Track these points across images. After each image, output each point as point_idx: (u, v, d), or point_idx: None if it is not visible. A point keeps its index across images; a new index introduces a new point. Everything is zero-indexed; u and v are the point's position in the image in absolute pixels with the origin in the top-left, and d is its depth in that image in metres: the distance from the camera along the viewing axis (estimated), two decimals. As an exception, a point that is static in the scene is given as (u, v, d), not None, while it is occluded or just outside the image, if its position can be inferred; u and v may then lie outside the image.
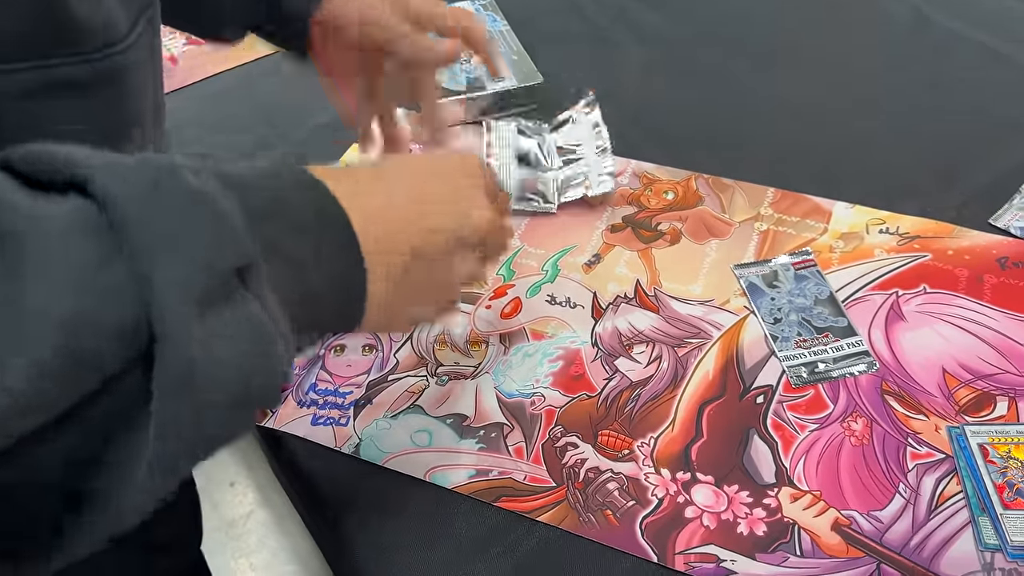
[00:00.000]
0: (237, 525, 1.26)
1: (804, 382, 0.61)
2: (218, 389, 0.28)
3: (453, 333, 0.57)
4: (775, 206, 0.75)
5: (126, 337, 0.26)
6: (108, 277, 0.26)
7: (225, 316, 0.29)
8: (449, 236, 0.43)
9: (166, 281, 0.27)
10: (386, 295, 0.39)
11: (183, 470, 0.29)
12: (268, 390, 0.31)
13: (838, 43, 0.93)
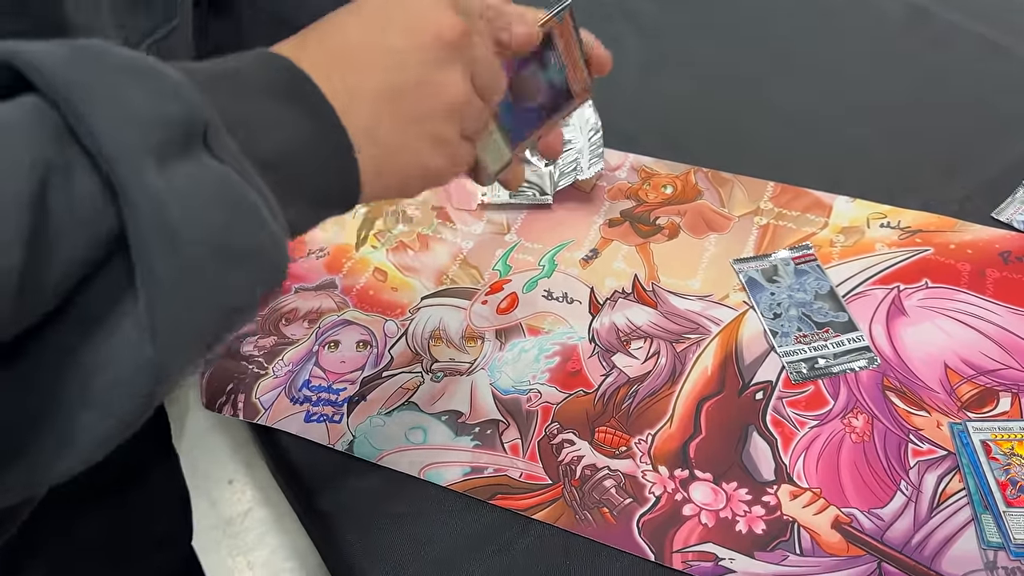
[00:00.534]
0: (235, 523, 1.26)
1: (804, 378, 0.60)
2: (197, 238, 0.27)
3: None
4: (775, 200, 0.74)
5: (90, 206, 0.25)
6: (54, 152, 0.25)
7: (188, 168, 0.27)
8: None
9: (111, 138, 0.26)
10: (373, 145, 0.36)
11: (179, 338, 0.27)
12: (257, 245, 0.29)
13: (838, 36, 0.92)
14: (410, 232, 0.74)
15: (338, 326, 0.67)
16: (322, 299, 0.69)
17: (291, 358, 0.65)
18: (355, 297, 0.69)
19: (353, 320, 0.67)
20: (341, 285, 0.70)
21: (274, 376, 0.63)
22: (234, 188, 0.29)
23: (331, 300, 0.69)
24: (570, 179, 0.74)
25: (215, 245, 0.28)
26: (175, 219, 0.26)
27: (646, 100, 0.85)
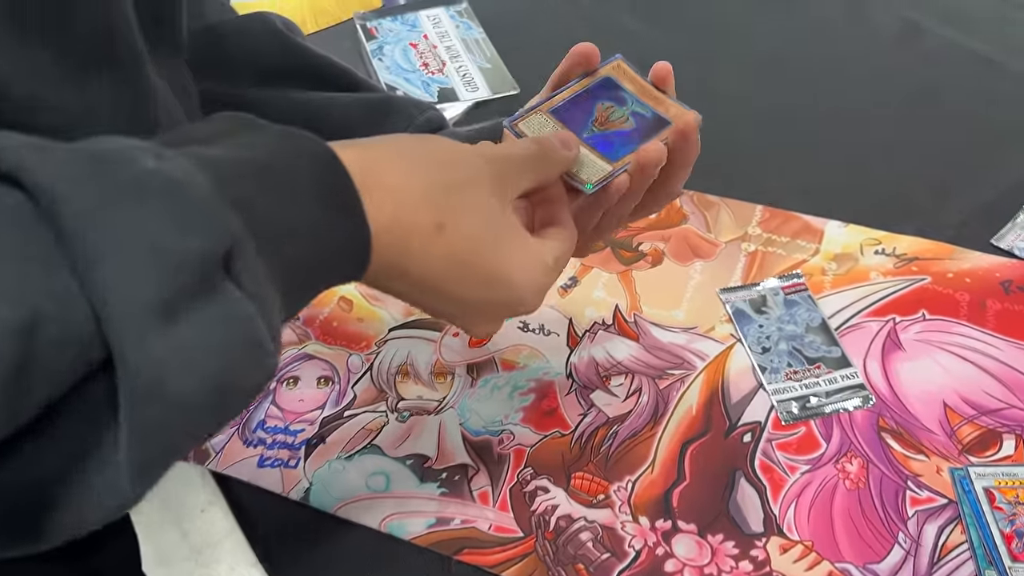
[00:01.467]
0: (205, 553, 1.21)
1: (795, 418, 0.57)
2: (191, 390, 0.26)
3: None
4: (763, 225, 0.70)
5: (80, 349, 0.24)
6: (50, 284, 0.24)
7: (198, 316, 0.26)
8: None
9: (118, 293, 0.24)
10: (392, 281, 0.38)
11: (158, 471, 0.27)
12: (251, 387, 0.29)
13: (828, 52, 0.89)
14: (378, 258, 0.70)
15: (298, 360, 0.62)
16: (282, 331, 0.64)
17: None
18: (318, 329, 0.65)
19: (315, 354, 0.63)
20: (303, 316, 0.66)
21: (228, 415, 0.59)
22: (244, 330, 0.28)
23: (292, 332, 0.64)
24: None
25: (209, 391, 0.27)
26: (172, 380, 0.25)
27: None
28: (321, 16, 0.97)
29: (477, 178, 0.40)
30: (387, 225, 0.35)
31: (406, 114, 0.54)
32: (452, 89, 0.81)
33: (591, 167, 0.47)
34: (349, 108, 0.53)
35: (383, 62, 0.84)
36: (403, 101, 0.55)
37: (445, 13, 0.91)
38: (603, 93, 0.50)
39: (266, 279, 0.29)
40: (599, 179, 0.46)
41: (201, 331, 0.26)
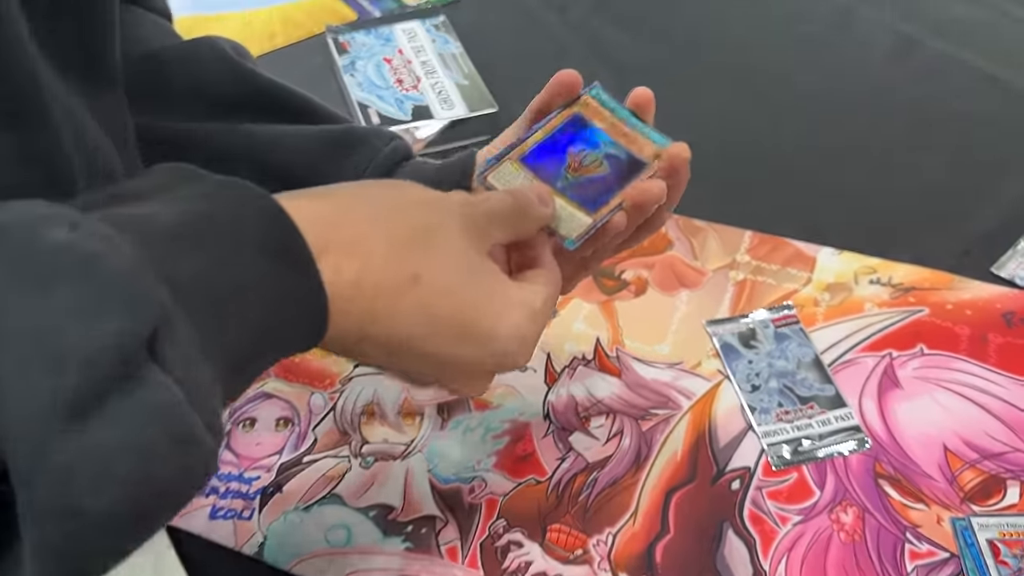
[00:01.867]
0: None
1: (786, 463, 0.53)
2: (105, 502, 0.23)
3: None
4: (752, 252, 0.67)
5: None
6: None
7: (113, 412, 0.23)
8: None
9: (13, 395, 0.21)
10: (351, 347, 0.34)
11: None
12: (181, 490, 0.25)
13: (820, 69, 0.85)
14: (346, 287, 0.66)
15: (256, 400, 0.58)
16: (241, 368, 0.60)
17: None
18: (278, 365, 0.60)
19: (274, 393, 0.59)
20: (264, 350, 0.61)
21: (179, 461, 0.55)
22: (169, 423, 0.24)
23: (251, 368, 0.60)
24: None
25: (128, 500, 0.23)
26: (82, 490, 0.22)
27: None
28: (292, 29, 0.93)
29: (451, 224, 0.37)
30: (348, 288, 0.32)
31: (370, 146, 0.50)
32: (427, 107, 0.77)
33: (570, 221, 0.44)
34: (307, 142, 0.49)
35: (355, 78, 0.80)
36: (365, 132, 0.51)
37: (421, 27, 0.87)
38: (574, 135, 0.47)
39: (201, 357, 0.26)
40: (580, 234, 0.44)
41: (116, 429, 0.23)
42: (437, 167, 0.50)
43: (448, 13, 0.91)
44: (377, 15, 0.92)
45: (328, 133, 0.49)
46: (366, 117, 0.76)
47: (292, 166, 0.48)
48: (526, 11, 0.95)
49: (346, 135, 0.50)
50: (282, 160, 0.48)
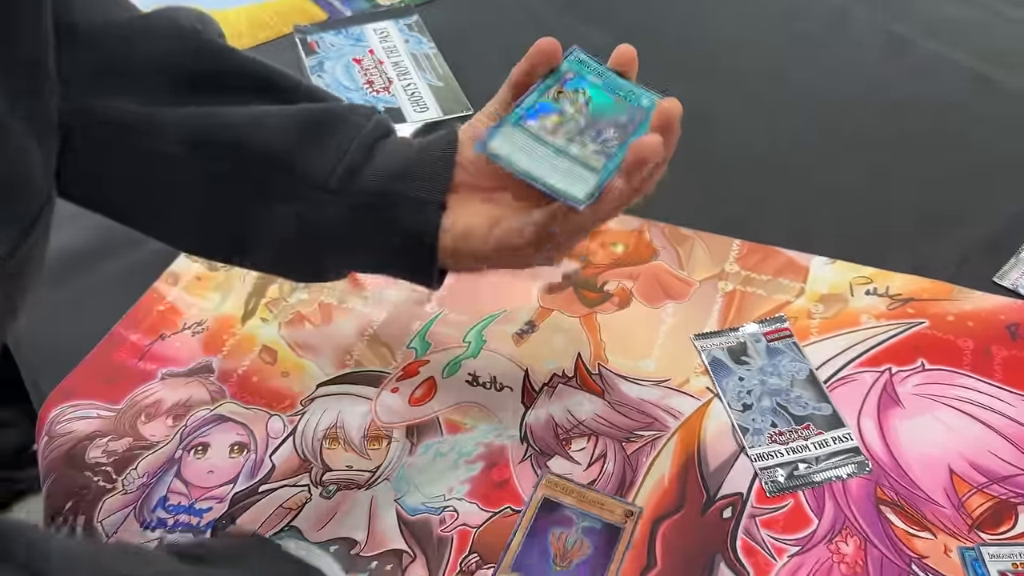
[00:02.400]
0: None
1: (781, 489, 0.49)
2: None
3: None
4: (742, 261, 0.63)
5: None
6: None
7: None
8: None
9: None
10: None
11: None
12: None
13: (809, 71, 0.82)
14: (310, 301, 0.62)
15: (210, 424, 0.54)
16: (193, 388, 0.56)
17: (147, 467, 0.52)
18: (235, 385, 0.56)
19: (229, 415, 0.54)
20: (219, 369, 0.57)
21: (124, 491, 0.51)
22: None
23: (204, 389, 0.56)
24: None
25: None
26: None
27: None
28: (259, 29, 0.89)
29: None
30: None
31: (351, 124, 0.46)
32: (399, 109, 0.73)
33: (576, 179, 0.41)
34: (285, 123, 0.45)
35: (323, 79, 0.76)
36: (345, 110, 0.47)
37: (394, 26, 0.84)
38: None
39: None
40: (588, 192, 0.41)
41: None
42: (419, 144, 0.46)
43: (422, 13, 0.87)
44: (348, 15, 0.88)
45: (308, 114, 0.45)
46: (333, 120, 0.72)
47: (271, 150, 0.44)
48: (501, 10, 0.91)
49: (326, 115, 0.45)
50: (260, 144, 0.44)
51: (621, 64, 0.46)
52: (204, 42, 0.47)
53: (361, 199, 0.44)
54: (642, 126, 0.44)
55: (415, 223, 0.44)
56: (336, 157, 0.44)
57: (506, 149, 0.42)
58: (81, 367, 0.57)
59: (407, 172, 0.45)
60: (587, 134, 0.43)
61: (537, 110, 0.44)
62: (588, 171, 0.42)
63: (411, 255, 0.46)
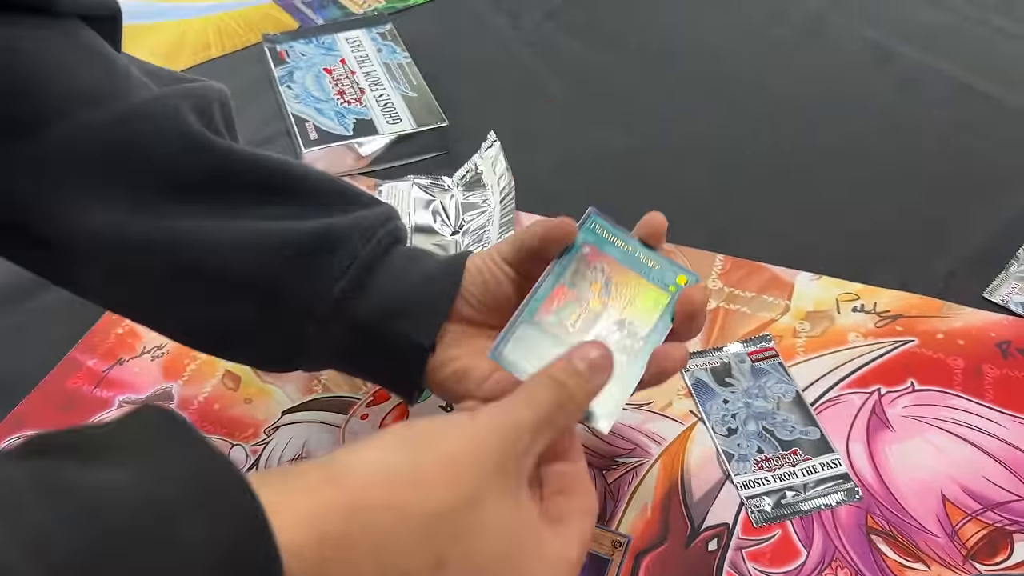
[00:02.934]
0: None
1: (768, 519, 0.47)
2: None
3: None
4: (724, 277, 0.61)
5: None
6: None
7: None
8: None
9: None
10: None
11: None
12: None
13: (792, 78, 0.80)
14: (277, 322, 0.59)
15: (169, 454, 0.51)
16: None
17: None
18: (195, 413, 0.53)
19: (190, 445, 0.52)
20: (179, 396, 0.54)
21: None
22: None
23: (164, 417, 0.53)
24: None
25: None
26: None
27: (570, 154, 0.72)
28: (227, 39, 0.86)
29: (485, 484, 0.30)
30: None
31: (347, 249, 0.41)
32: (371, 121, 0.71)
33: (599, 397, 0.37)
34: (274, 249, 0.40)
35: (292, 90, 0.74)
36: (344, 230, 0.42)
37: (366, 35, 0.81)
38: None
39: None
40: (610, 411, 0.39)
41: None
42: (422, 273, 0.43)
43: (396, 21, 0.85)
44: (320, 23, 0.86)
45: (297, 236, 0.41)
46: (303, 131, 0.69)
47: (257, 280, 0.41)
48: (477, 19, 0.89)
49: (321, 238, 0.41)
50: (244, 275, 0.40)
51: (649, 235, 0.43)
52: (205, 142, 0.41)
53: (347, 333, 0.42)
54: (666, 312, 0.41)
55: (401, 362, 0.42)
56: (325, 288, 0.41)
57: (520, 354, 0.39)
58: (34, 394, 0.55)
59: (400, 308, 0.42)
60: (610, 328, 0.41)
61: (553, 301, 0.41)
62: (612, 386, 0.38)
63: (394, 385, 0.45)
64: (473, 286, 0.43)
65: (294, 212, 0.42)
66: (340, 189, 0.44)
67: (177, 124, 0.40)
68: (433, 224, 0.63)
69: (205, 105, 0.42)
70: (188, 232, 0.40)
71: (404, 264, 0.44)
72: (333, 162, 0.68)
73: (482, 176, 0.65)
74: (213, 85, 0.44)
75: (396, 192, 0.66)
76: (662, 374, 0.40)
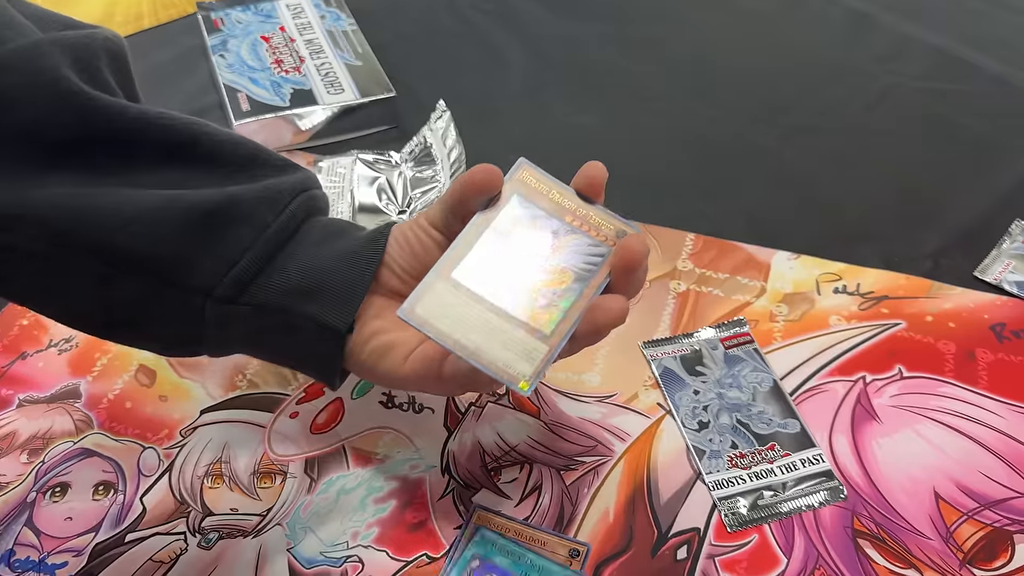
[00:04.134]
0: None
1: (744, 522, 0.42)
2: None
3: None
4: (696, 258, 0.56)
5: None
6: None
7: None
8: None
9: None
10: None
11: None
12: None
13: (768, 45, 0.76)
14: (202, 310, 0.53)
15: (72, 459, 0.45)
16: (55, 416, 0.47)
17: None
18: (103, 412, 0.48)
19: (95, 449, 0.46)
20: (87, 394, 0.49)
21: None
22: None
23: (68, 418, 0.47)
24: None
25: None
26: None
27: (532, 127, 0.67)
28: (162, 9, 0.80)
29: None
30: None
31: (252, 221, 0.36)
32: (310, 91, 0.65)
33: (521, 352, 0.35)
34: (160, 218, 0.35)
35: (225, 59, 0.68)
36: (252, 201, 0.37)
37: (308, 1, 0.75)
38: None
39: None
40: (536, 370, 0.34)
41: None
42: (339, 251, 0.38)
43: (343, -13, 0.79)
44: (261, -10, 0.80)
45: (193, 206, 0.36)
46: (235, 102, 0.63)
47: (141, 254, 0.35)
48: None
49: (221, 208, 0.36)
50: (134, 249, 0.35)
51: (587, 187, 0.38)
52: (83, 97, 0.35)
53: (252, 315, 0.37)
54: (599, 268, 0.37)
55: (314, 346, 0.37)
56: (224, 265, 0.36)
57: (434, 312, 0.35)
58: (-77, 394, 0.48)
59: (312, 288, 0.37)
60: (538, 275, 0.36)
61: (475, 256, 0.36)
62: (536, 339, 0.35)
63: (309, 370, 0.40)
64: (400, 256, 0.39)
65: (194, 178, 0.36)
66: (250, 153, 0.39)
67: (49, 76, 0.34)
68: (378, 203, 0.58)
69: (88, 56, 0.36)
70: (62, 202, 0.34)
71: (320, 238, 0.38)
72: (269, 136, 0.63)
73: (431, 149, 0.60)
74: (101, 32, 0.38)
75: (337, 168, 0.60)
76: (595, 329, 0.35)
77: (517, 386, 0.34)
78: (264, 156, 0.39)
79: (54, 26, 0.38)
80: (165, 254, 0.35)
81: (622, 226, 0.38)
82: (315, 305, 0.37)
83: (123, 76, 0.39)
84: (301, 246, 0.38)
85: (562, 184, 0.38)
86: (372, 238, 0.39)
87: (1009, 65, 0.71)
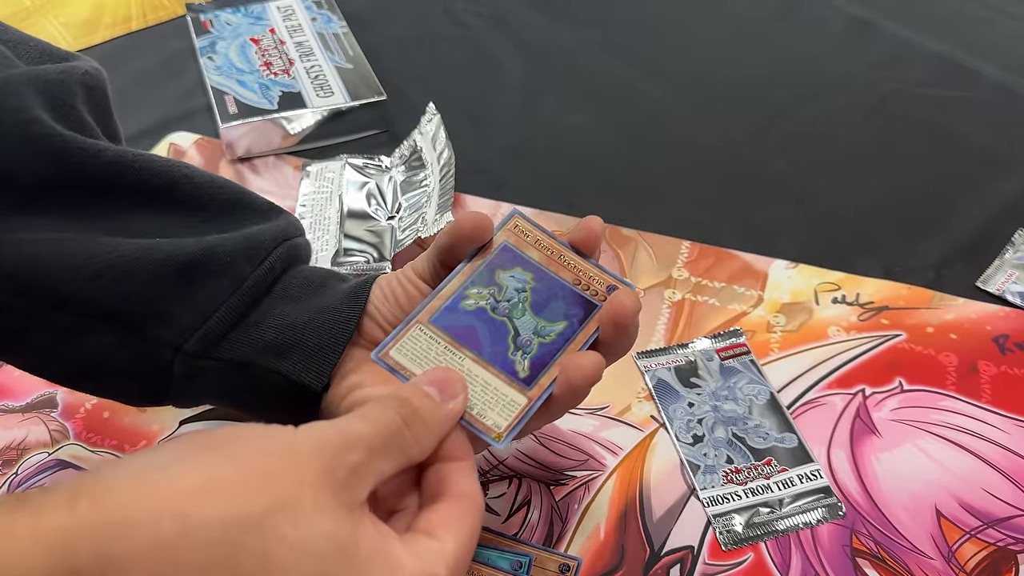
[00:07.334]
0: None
1: (739, 541, 0.41)
2: None
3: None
4: (691, 266, 0.55)
5: None
6: None
7: None
8: None
9: None
10: None
11: None
12: None
13: (764, 53, 0.74)
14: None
15: (46, 471, 0.44)
16: (31, 426, 0.46)
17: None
18: (80, 422, 0.46)
19: (71, 460, 0.44)
20: (63, 403, 0.47)
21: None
22: None
23: (44, 428, 0.46)
24: (412, 235, 0.53)
25: None
26: None
27: (527, 134, 0.66)
28: (151, 11, 0.79)
29: (304, 493, 0.25)
30: None
31: (230, 274, 0.35)
32: (299, 94, 0.63)
33: (497, 403, 0.33)
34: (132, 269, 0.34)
35: (213, 61, 0.67)
36: (231, 249, 0.36)
37: (300, 3, 0.74)
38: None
39: None
40: (511, 423, 0.33)
41: None
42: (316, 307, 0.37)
43: (335, -10, 0.78)
44: (252, -8, 0.79)
45: (168, 257, 0.34)
46: (221, 105, 0.62)
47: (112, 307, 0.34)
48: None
49: (198, 260, 0.35)
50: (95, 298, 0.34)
51: (581, 242, 0.37)
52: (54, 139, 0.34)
53: (224, 371, 0.35)
54: (587, 321, 0.36)
55: (287, 404, 0.36)
56: (196, 320, 0.35)
57: (410, 357, 0.33)
58: None
59: (288, 344, 0.36)
60: (520, 337, 0.35)
61: (457, 302, 0.35)
62: (515, 391, 0.33)
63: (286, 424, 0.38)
64: (384, 306, 0.37)
65: (172, 224, 0.35)
66: (232, 197, 0.37)
67: (21, 117, 0.33)
68: (367, 208, 0.57)
69: (64, 93, 0.35)
70: (30, 250, 0.33)
71: (299, 292, 0.37)
72: (257, 139, 0.61)
73: (422, 153, 0.59)
74: (80, 66, 0.37)
75: (326, 173, 0.59)
76: (569, 388, 0.34)
77: (490, 437, 0.32)
78: (247, 200, 0.38)
79: (32, 54, 0.37)
80: (136, 307, 0.34)
81: (614, 282, 0.37)
82: (289, 363, 0.35)
83: (101, 112, 0.38)
84: (278, 300, 0.36)
85: (555, 236, 0.37)
86: (353, 293, 0.37)
87: (1010, 72, 0.70)
